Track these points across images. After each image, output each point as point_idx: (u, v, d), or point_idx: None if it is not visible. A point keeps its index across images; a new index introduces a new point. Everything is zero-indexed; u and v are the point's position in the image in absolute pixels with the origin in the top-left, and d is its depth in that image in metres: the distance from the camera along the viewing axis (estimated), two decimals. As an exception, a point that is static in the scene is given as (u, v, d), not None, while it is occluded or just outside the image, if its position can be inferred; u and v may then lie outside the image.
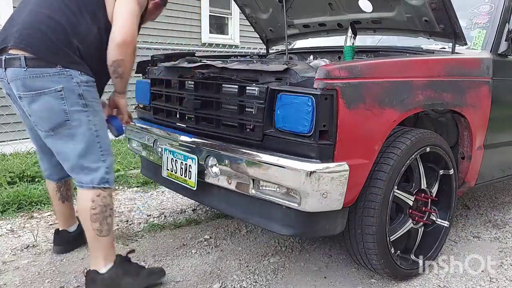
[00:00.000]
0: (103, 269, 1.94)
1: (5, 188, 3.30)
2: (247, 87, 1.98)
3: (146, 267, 2.16)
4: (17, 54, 1.83)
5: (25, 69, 1.81)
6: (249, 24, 3.30)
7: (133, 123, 2.47)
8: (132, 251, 2.19)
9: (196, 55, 2.82)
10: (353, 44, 2.34)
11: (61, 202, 2.35)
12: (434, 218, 2.32)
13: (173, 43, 5.83)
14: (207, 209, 3.13)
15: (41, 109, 1.86)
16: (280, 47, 3.66)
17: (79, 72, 1.89)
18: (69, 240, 2.42)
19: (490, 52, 2.45)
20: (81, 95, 1.89)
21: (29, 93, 1.84)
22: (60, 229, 2.41)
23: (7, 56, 1.85)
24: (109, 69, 1.95)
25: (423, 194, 2.22)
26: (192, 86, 2.25)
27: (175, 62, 2.47)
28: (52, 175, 2.31)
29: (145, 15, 2.12)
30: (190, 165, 2.11)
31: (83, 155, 1.92)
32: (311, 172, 1.69)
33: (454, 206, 2.37)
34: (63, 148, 1.93)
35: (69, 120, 1.87)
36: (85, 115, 1.90)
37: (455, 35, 2.25)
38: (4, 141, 4.49)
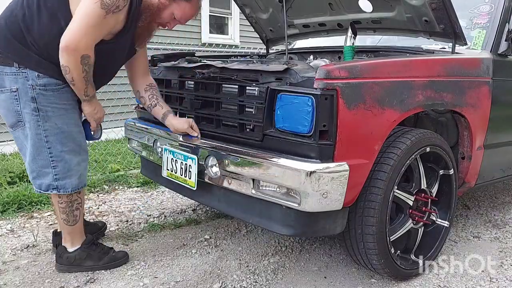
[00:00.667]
0: (70, 248, 2.19)
1: (5, 188, 3.30)
2: (247, 87, 1.98)
3: (115, 251, 2.31)
4: None
5: None
6: (249, 24, 3.30)
7: (96, 138, 2.25)
8: (102, 230, 2.49)
9: (196, 55, 2.82)
10: (353, 44, 2.34)
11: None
12: (434, 218, 2.32)
13: (173, 43, 5.82)
14: (207, 209, 3.13)
15: (0, 106, 1.93)
16: (280, 47, 3.66)
17: (37, 74, 1.86)
18: None
19: (490, 52, 2.45)
20: (34, 98, 1.88)
21: None
22: (58, 230, 2.39)
23: None
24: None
25: (423, 194, 2.22)
26: (192, 86, 2.25)
27: (175, 62, 2.47)
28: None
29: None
30: (190, 165, 2.11)
31: (33, 158, 1.97)
32: (311, 172, 1.69)
33: (454, 206, 2.37)
34: (20, 146, 2.02)
35: (22, 122, 1.92)
36: (35, 120, 1.91)
37: (455, 35, 2.25)
38: (4, 141, 4.48)
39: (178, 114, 2.37)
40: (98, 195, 3.43)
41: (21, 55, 1.84)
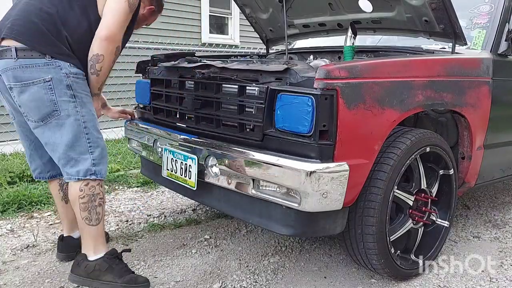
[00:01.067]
0: (92, 257, 2.00)
1: (5, 188, 3.30)
2: (247, 87, 1.98)
3: (136, 273, 2.07)
4: (8, 46, 1.87)
5: (15, 59, 1.86)
6: (249, 24, 3.30)
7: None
8: (128, 250, 2.18)
9: (196, 55, 2.82)
10: (353, 44, 2.34)
11: (65, 202, 2.30)
12: (434, 218, 2.31)
13: (173, 43, 5.83)
14: (207, 209, 3.13)
15: (30, 99, 1.89)
16: (280, 47, 3.66)
17: (69, 64, 1.92)
18: (74, 247, 2.26)
19: (490, 52, 2.45)
20: (70, 85, 1.92)
21: (19, 84, 1.88)
22: (64, 235, 2.34)
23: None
24: (88, 64, 1.98)
25: (423, 194, 2.22)
26: (192, 86, 2.25)
27: (175, 62, 2.47)
28: (43, 173, 2.26)
29: (135, 19, 2.12)
30: (190, 165, 2.11)
31: (71, 146, 1.93)
32: (311, 172, 1.69)
33: (454, 206, 2.37)
34: (51, 138, 1.95)
35: (57, 111, 1.91)
36: (73, 106, 1.93)
37: (455, 35, 2.25)
38: (4, 141, 4.49)
39: (178, 114, 2.37)
40: (98, 195, 3.43)
41: (54, 48, 1.90)
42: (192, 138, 2.18)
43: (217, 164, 2.01)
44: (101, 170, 2.00)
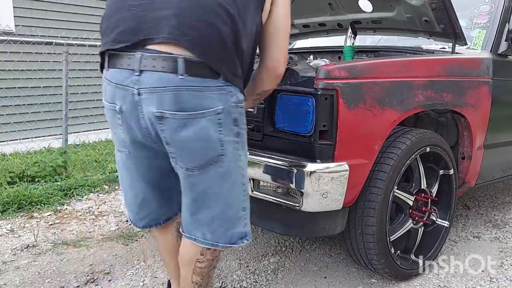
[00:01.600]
0: None
1: (5, 188, 3.30)
2: (247, 87, 1.98)
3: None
4: (170, 53, 1.26)
5: (183, 77, 1.26)
6: (249, 24, 3.29)
7: None
8: None
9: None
10: (353, 44, 2.34)
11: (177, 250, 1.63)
12: (434, 218, 2.31)
13: (173, 43, 5.82)
14: (207, 209, 3.12)
15: (195, 138, 1.32)
16: (280, 47, 3.65)
17: (239, 88, 1.38)
18: None
19: (490, 52, 2.45)
20: (236, 120, 1.38)
21: (183, 114, 1.28)
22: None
23: (146, 54, 1.27)
24: (254, 97, 1.58)
25: (423, 194, 2.21)
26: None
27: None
28: (158, 219, 1.65)
29: None
30: (190, 165, 2.10)
31: (229, 204, 1.43)
32: (311, 172, 1.69)
33: (454, 206, 2.37)
34: (201, 193, 1.41)
35: (223, 155, 1.36)
36: (236, 148, 1.40)
37: (455, 35, 2.25)
38: (4, 141, 4.49)
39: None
40: (98, 195, 3.43)
41: (231, 66, 1.34)
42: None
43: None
44: (248, 231, 1.50)
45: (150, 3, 1.31)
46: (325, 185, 1.72)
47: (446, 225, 2.34)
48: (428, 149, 2.11)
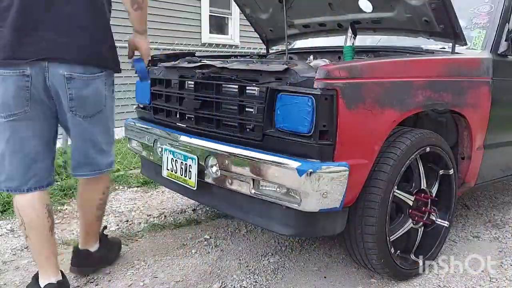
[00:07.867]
0: (94, 248, 2.18)
1: (5, 188, 3.30)
2: (247, 87, 1.98)
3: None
4: None
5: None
6: (249, 24, 3.30)
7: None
8: (104, 227, 2.37)
9: (196, 55, 2.82)
10: (353, 44, 2.34)
11: (51, 233, 1.94)
12: (434, 218, 2.31)
13: (173, 43, 5.83)
14: (207, 209, 3.13)
15: (91, 94, 1.87)
16: (280, 47, 3.66)
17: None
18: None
19: (490, 52, 2.45)
20: (113, 81, 1.99)
21: (86, 75, 1.84)
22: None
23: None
24: (127, 3, 1.92)
25: (423, 194, 2.22)
26: (192, 86, 2.25)
27: (175, 62, 2.47)
28: (43, 180, 1.90)
29: None
30: (190, 165, 2.11)
31: (108, 140, 2.03)
32: (311, 172, 1.69)
33: (454, 206, 2.37)
34: (91, 133, 1.95)
35: (105, 105, 1.95)
36: (111, 101, 2.01)
37: (455, 35, 2.25)
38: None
39: (178, 114, 2.37)
40: (98, 195, 3.43)
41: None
42: (192, 138, 2.18)
43: (217, 164, 2.01)
44: (113, 161, 2.14)
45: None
46: (325, 185, 1.72)
47: (446, 225, 2.34)
48: (428, 149, 2.11)
